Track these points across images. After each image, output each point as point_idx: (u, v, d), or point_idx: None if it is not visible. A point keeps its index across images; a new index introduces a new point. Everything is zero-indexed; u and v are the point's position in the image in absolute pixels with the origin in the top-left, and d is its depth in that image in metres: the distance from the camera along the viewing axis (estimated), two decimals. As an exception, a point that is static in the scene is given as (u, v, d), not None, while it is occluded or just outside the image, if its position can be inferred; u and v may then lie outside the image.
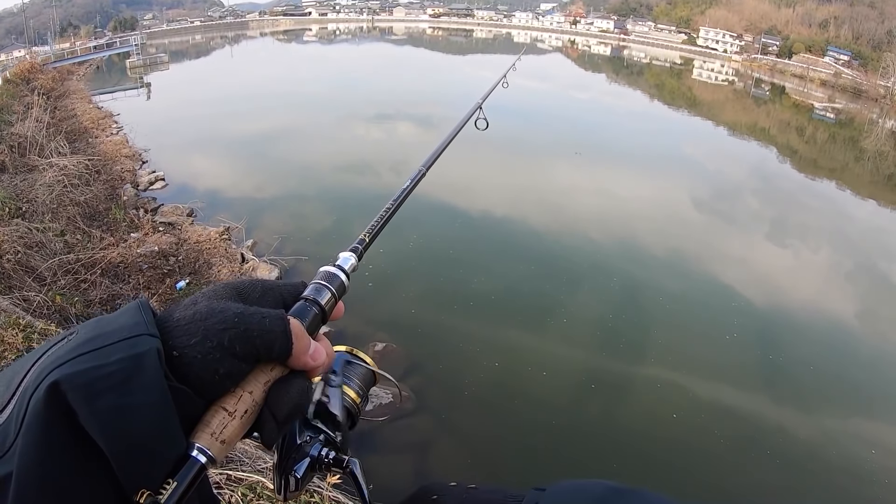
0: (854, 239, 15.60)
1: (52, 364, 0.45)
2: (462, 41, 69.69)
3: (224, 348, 0.50)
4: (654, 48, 67.83)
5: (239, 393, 0.52)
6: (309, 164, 16.67)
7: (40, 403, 0.43)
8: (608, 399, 7.74)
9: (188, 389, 0.49)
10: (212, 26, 62.67)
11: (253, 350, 0.52)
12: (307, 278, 0.67)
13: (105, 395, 0.43)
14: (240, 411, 0.52)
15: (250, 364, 0.53)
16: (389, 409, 6.78)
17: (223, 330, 0.51)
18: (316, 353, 0.58)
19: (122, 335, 0.47)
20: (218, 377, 0.50)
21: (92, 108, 20.96)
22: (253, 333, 0.52)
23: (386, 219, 0.90)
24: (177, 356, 0.49)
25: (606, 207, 14.93)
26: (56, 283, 7.47)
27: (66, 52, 33.74)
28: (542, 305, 9.57)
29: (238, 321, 0.52)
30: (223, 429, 0.50)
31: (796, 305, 10.76)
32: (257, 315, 0.53)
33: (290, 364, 0.56)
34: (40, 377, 0.44)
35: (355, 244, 0.77)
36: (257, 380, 0.54)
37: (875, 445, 7.38)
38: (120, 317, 0.50)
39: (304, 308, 0.61)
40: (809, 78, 53.13)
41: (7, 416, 0.45)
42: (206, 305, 0.53)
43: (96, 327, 0.49)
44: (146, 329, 0.48)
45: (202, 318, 0.51)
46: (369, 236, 0.82)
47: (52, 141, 13.45)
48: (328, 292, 0.65)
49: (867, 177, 24.39)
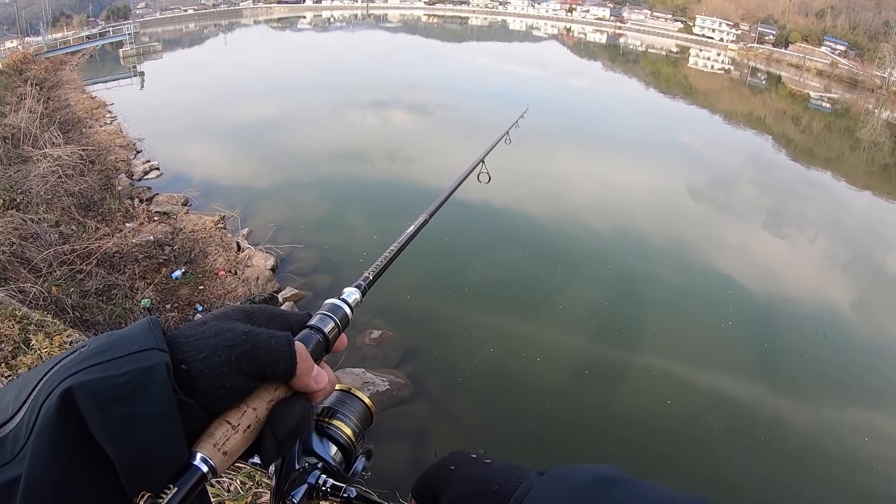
0: (849, 229, 15.66)
1: (65, 373, 0.47)
2: (457, 28, 69.33)
3: (231, 364, 0.52)
4: (650, 36, 67.55)
5: (243, 408, 0.54)
6: (304, 151, 16.63)
7: (52, 410, 0.44)
8: (603, 386, 7.80)
9: (194, 403, 0.51)
10: (205, 14, 62.08)
11: (259, 367, 0.54)
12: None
13: (115, 403, 0.45)
14: (243, 426, 0.53)
15: (255, 381, 0.55)
16: (386, 396, 6.83)
17: (231, 346, 0.53)
18: (318, 376, 0.60)
19: (133, 348, 0.49)
20: (224, 391, 0.52)
21: (85, 97, 20.81)
22: (259, 351, 0.54)
23: (389, 260, 0.94)
24: (185, 369, 0.51)
25: (602, 195, 14.94)
26: (52, 273, 7.46)
27: (59, 41, 33.42)
28: (537, 293, 9.60)
29: (245, 339, 0.54)
30: (226, 441, 0.52)
31: (791, 294, 10.81)
32: (264, 335, 0.56)
33: (293, 385, 0.58)
34: (52, 385, 0.46)
35: (360, 281, 0.80)
36: (261, 398, 0.56)
37: (868, 433, 7.46)
38: (131, 331, 0.52)
39: (309, 335, 0.63)
40: (806, 67, 53.07)
41: (17, 423, 0.47)
42: (215, 324, 0.55)
43: (108, 340, 0.50)
44: (156, 344, 0.50)
45: (211, 335, 0.54)
46: (373, 275, 0.86)
47: (45, 131, 13.38)
48: (332, 322, 0.67)
49: (863, 167, 24.45)
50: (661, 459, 6.60)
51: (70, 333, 4.67)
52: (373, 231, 11.27)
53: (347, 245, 10.59)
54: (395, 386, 6.94)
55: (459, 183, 1.35)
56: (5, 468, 0.45)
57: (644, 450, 6.72)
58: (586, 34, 69.17)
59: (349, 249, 10.41)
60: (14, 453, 0.45)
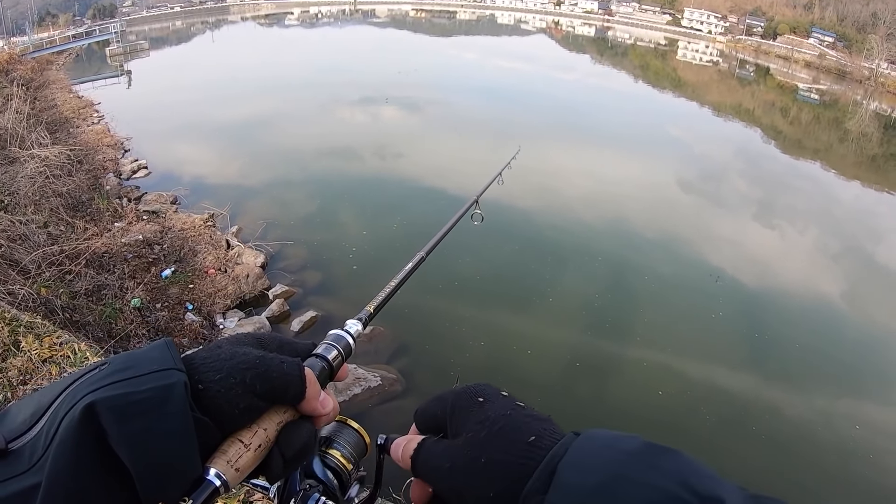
0: (838, 219, 15.79)
1: (88, 388, 0.49)
2: (446, 23, 69.16)
3: (245, 385, 0.56)
4: (638, 29, 67.61)
5: (255, 428, 0.57)
6: (292, 148, 16.58)
7: (75, 422, 0.47)
8: (594, 377, 7.84)
9: (209, 421, 0.54)
10: (192, 11, 61.57)
11: (271, 390, 0.57)
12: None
13: (135, 419, 0.48)
14: (254, 445, 0.56)
15: (267, 403, 0.58)
16: (378, 391, 6.85)
17: (245, 369, 0.57)
18: (325, 401, 0.63)
19: (153, 367, 0.52)
20: (238, 411, 0.55)
21: (72, 97, 20.62)
22: (272, 374, 0.58)
23: (389, 295, 0.98)
24: (202, 389, 0.54)
25: (591, 189, 14.98)
26: (41, 275, 7.42)
27: (45, 41, 33.07)
28: (528, 286, 9.64)
29: (259, 363, 0.58)
30: (238, 458, 0.55)
31: (780, 284, 10.89)
32: (277, 360, 0.59)
33: (301, 408, 0.61)
34: (74, 399, 0.49)
35: (361, 314, 0.84)
36: (271, 419, 0.59)
37: (859, 421, 7.54)
38: (150, 352, 0.55)
39: (315, 362, 0.68)
40: (794, 59, 53.24)
41: (35, 434, 0.49)
42: (230, 348, 0.59)
43: (128, 360, 0.53)
44: (174, 364, 0.54)
45: (227, 358, 0.57)
46: (374, 308, 0.90)
47: (32, 132, 13.27)
48: (336, 351, 0.71)
49: (851, 157, 24.60)
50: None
51: (60, 335, 4.64)
52: (362, 227, 11.28)
53: (337, 241, 10.59)
54: (386, 381, 6.96)
55: (455, 223, 1.45)
56: (23, 476, 0.47)
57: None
58: (574, 27, 69.16)
59: (338, 245, 10.41)
60: (32, 462, 0.47)
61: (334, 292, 9.10)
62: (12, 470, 0.47)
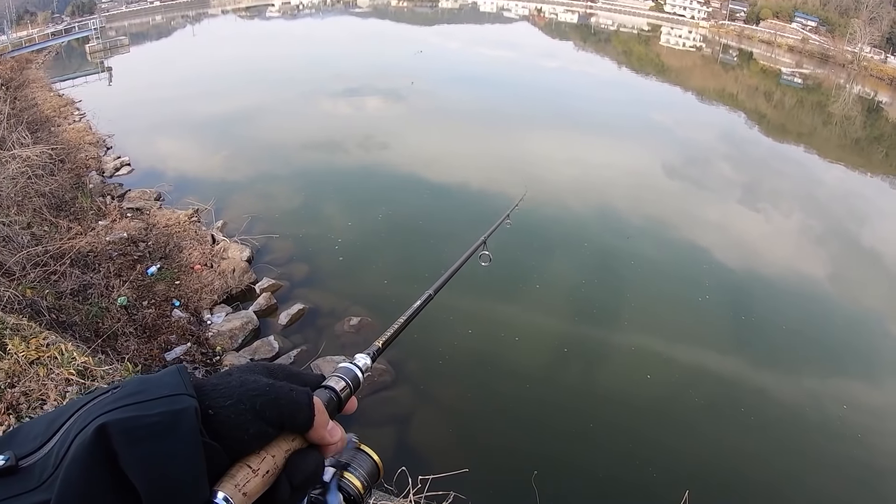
0: (822, 202, 15.91)
1: (99, 410, 0.50)
2: (428, 12, 68.74)
3: (255, 412, 0.57)
4: (621, 15, 67.34)
5: (263, 455, 0.58)
6: (275, 142, 16.49)
7: (87, 442, 0.48)
8: (582, 363, 7.91)
9: (218, 446, 0.55)
10: (172, 6, 60.68)
11: (280, 417, 0.58)
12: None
13: (146, 441, 0.49)
14: (262, 470, 0.57)
15: (276, 430, 0.59)
16: (368, 382, 6.85)
17: (255, 396, 0.58)
18: (333, 430, 0.64)
19: (165, 392, 0.53)
20: (247, 437, 0.56)
21: (53, 96, 20.41)
22: (281, 402, 0.59)
23: (398, 331, 1.00)
24: (212, 414, 0.55)
25: (578, 174, 15.02)
26: (25, 276, 7.36)
27: (24, 39, 32.51)
28: (514, 272, 9.65)
29: (269, 390, 0.59)
30: (246, 483, 0.56)
31: (766, 267, 10.99)
32: (286, 388, 0.60)
33: (309, 437, 0.62)
34: (87, 420, 0.50)
35: (370, 349, 0.86)
36: (280, 446, 0.60)
37: (846, 402, 7.65)
38: (162, 377, 0.56)
39: (324, 392, 0.69)
40: (777, 44, 53.30)
41: (46, 453, 0.51)
42: (240, 376, 0.60)
43: (140, 384, 0.54)
44: (185, 389, 0.54)
45: (237, 385, 0.58)
46: (382, 343, 0.92)
47: (13, 132, 13.09)
48: (344, 383, 0.73)
49: (835, 140, 24.81)
50: (641, 433, 6.73)
51: (47, 336, 4.61)
52: (347, 218, 11.27)
53: (322, 233, 10.59)
54: (376, 372, 6.97)
55: (462, 263, 1.49)
56: (33, 493, 0.48)
57: (625, 424, 6.84)
58: (557, 14, 68.88)
59: (324, 237, 10.42)
60: (42, 480, 0.49)
61: (321, 284, 9.12)
62: (22, 486, 0.49)
